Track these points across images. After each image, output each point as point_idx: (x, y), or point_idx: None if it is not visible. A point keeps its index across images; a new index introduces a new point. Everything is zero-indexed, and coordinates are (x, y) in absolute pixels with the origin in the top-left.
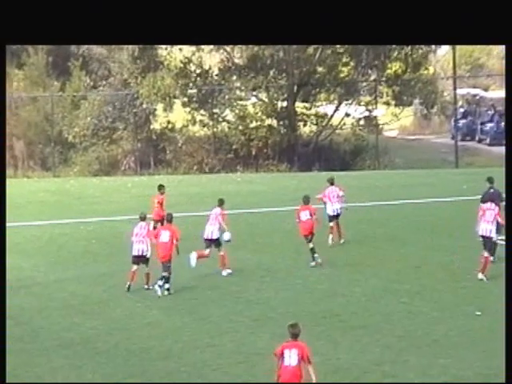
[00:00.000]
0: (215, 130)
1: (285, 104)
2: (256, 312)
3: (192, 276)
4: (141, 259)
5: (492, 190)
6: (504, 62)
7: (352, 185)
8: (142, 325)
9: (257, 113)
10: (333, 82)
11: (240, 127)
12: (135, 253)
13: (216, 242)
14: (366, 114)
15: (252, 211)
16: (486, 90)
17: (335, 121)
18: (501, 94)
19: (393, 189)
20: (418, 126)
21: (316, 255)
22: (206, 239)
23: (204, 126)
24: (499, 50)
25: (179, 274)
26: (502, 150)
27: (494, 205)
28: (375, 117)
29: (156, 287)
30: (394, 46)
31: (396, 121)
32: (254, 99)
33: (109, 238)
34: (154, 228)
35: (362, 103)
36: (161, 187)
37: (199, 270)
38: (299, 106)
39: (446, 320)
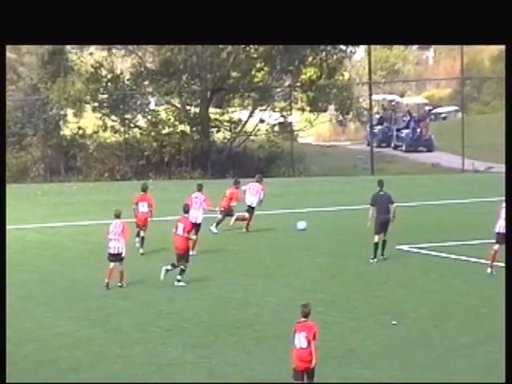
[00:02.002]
0: (127, 136)
1: (198, 110)
2: (168, 322)
3: (102, 286)
4: (117, 257)
5: (382, 193)
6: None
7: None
8: (51, 335)
9: (169, 119)
10: (247, 88)
11: (152, 133)
12: (111, 251)
13: (199, 227)
14: (281, 120)
15: (165, 219)
16: (401, 95)
17: (249, 127)
18: (416, 100)
19: (308, 196)
20: (333, 132)
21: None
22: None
23: (115, 132)
24: (415, 55)
25: (90, 284)
26: (418, 156)
27: None
28: (290, 123)
29: (163, 269)
30: (308, 51)
31: (311, 127)
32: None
33: (18, 247)
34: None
35: (277, 109)
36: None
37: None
38: (212, 112)
39: (361, 330)
